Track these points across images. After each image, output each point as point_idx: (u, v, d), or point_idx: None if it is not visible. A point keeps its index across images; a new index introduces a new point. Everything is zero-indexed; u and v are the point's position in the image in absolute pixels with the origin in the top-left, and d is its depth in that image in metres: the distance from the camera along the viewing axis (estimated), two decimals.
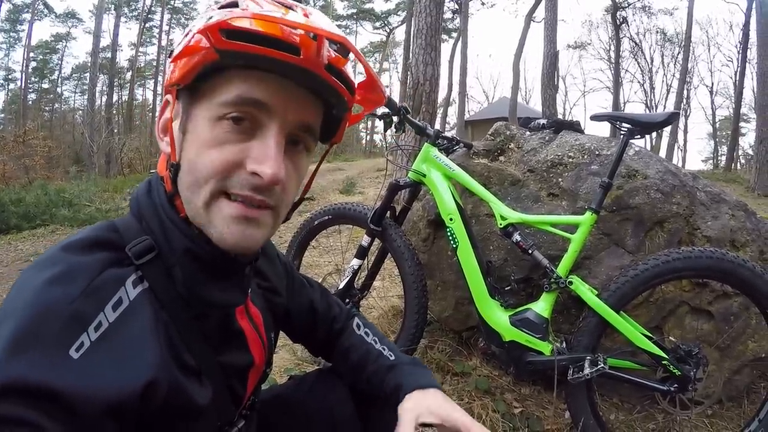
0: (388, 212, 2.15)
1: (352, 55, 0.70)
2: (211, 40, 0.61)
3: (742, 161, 32.58)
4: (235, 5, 0.65)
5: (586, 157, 2.13)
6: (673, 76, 33.79)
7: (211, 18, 0.62)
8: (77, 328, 0.55)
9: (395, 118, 2.07)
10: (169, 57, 0.68)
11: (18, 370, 0.50)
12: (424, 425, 0.86)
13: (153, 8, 36.52)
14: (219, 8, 0.65)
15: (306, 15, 0.65)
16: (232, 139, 0.65)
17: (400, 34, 37.23)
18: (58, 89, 41.25)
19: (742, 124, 27.73)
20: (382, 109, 2.08)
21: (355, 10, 38.68)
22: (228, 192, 0.65)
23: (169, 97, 0.70)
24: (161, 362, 0.62)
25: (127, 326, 0.60)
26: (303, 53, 0.62)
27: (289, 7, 0.66)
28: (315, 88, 0.68)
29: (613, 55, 32.53)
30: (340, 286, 2.20)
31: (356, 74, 0.74)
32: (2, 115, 38.85)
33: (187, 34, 0.65)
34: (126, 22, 35.71)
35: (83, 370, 0.54)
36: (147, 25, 36.63)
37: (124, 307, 0.61)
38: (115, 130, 26.73)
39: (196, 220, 0.68)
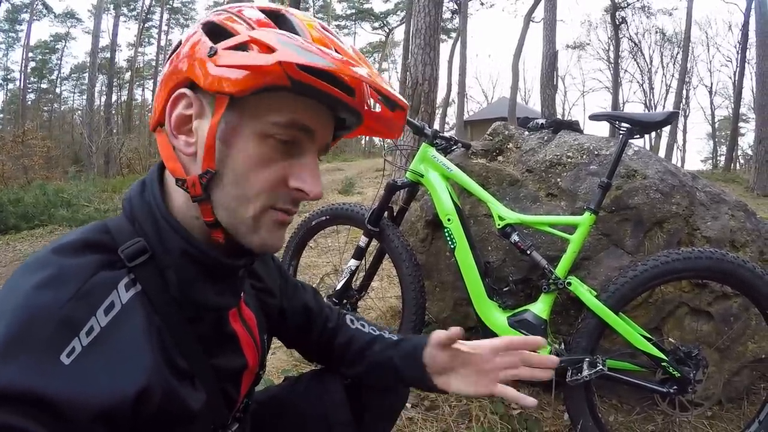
0: (386, 213, 2.13)
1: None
2: (285, 69, 0.61)
3: (741, 161, 32.71)
4: (283, 17, 0.69)
5: (585, 157, 2.12)
6: (673, 76, 33.92)
7: (258, 28, 0.65)
8: (68, 333, 0.54)
9: None
10: (210, 56, 0.64)
11: (7, 376, 0.49)
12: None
13: (152, 8, 36.56)
14: (266, 16, 0.68)
15: (358, 61, 0.68)
16: (277, 157, 0.68)
17: (399, 35, 37.33)
18: (57, 89, 41.30)
19: (741, 124, 27.82)
20: None
21: (353, 11, 38.71)
22: (275, 206, 0.70)
23: (186, 91, 0.67)
24: (154, 367, 0.61)
25: (119, 331, 0.59)
26: (357, 95, 0.67)
27: (338, 47, 0.68)
28: (345, 118, 0.74)
29: (612, 55, 32.62)
30: (338, 287, 2.19)
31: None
32: (1, 116, 38.85)
33: (244, 45, 0.63)
34: (125, 21, 35.89)
35: (75, 376, 0.53)
36: (146, 25, 36.67)
37: (117, 311, 0.60)
38: (114, 131, 26.78)
39: (238, 229, 0.69)
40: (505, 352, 0.95)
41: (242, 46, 0.63)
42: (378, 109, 0.74)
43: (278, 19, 0.68)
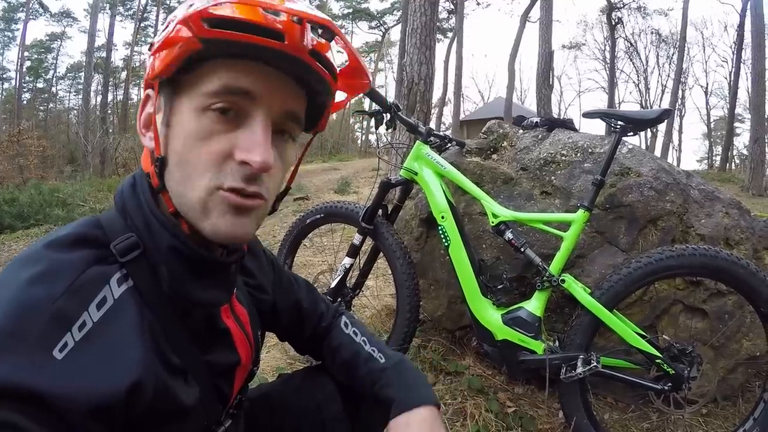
0: (380, 210, 2.13)
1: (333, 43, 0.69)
2: (193, 30, 0.60)
3: (737, 161, 32.83)
4: None
5: (579, 155, 2.12)
6: (668, 76, 33.93)
7: (191, 6, 0.61)
8: (60, 328, 0.54)
9: (386, 116, 2.05)
10: (149, 50, 0.66)
11: (1, 371, 0.49)
12: None
13: (148, 7, 36.47)
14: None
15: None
16: (218, 129, 0.64)
17: (395, 34, 37.21)
18: (53, 89, 41.08)
19: (736, 124, 27.92)
20: (374, 107, 2.07)
21: (350, 10, 38.69)
22: (222, 187, 0.64)
23: (150, 91, 0.69)
24: (146, 362, 0.60)
25: (111, 326, 0.58)
26: (287, 39, 0.61)
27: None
28: (299, 75, 0.67)
29: (608, 55, 32.62)
30: (332, 285, 2.18)
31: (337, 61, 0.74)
32: None
33: (167, 26, 0.64)
34: (121, 21, 35.58)
35: (67, 371, 0.52)
36: (142, 24, 36.55)
37: (109, 306, 0.59)
38: (110, 130, 26.64)
39: (189, 215, 0.66)
40: None
41: (165, 29, 0.64)
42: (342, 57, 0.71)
43: None
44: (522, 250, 1.83)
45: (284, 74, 0.66)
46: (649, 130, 20.70)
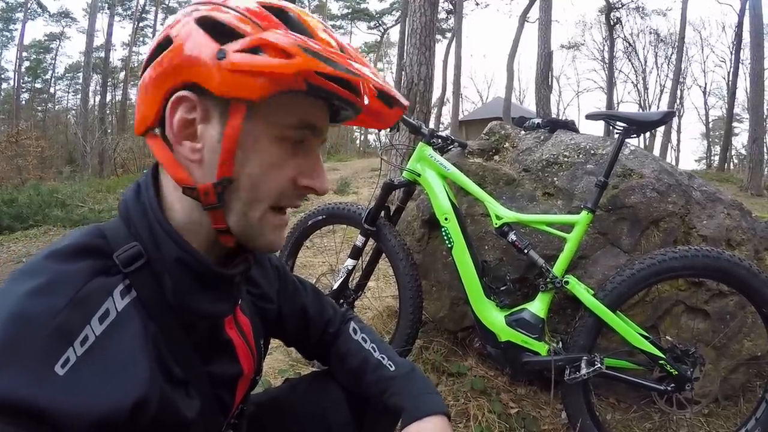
0: (383, 212, 2.13)
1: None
2: (305, 76, 0.60)
3: (735, 161, 32.86)
4: (285, 14, 0.65)
5: (581, 156, 2.12)
6: (667, 76, 33.97)
7: (266, 29, 0.61)
8: (63, 343, 0.53)
9: None
10: (219, 59, 0.60)
11: (1, 386, 0.48)
12: None
13: (147, 8, 36.42)
14: (269, 11, 0.64)
15: (364, 65, 0.68)
16: (288, 158, 0.68)
17: (394, 34, 37.13)
18: (51, 89, 41.01)
19: (735, 124, 27.93)
20: None
21: (349, 10, 38.67)
22: (276, 207, 0.70)
23: (188, 94, 0.63)
24: (151, 377, 0.60)
25: (114, 340, 0.58)
26: (361, 95, 0.67)
27: (341, 45, 0.67)
28: (339, 110, 0.74)
29: (606, 55, 32.66)
30: (335, 287, 2.18)
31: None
32: None
33: (256, 48, 0.60)
34: (120, 21, 35.55)
35: (69, 387, 0.52)
36: (140, 24, 36.50)
37: (112, 319, 0.59)
38: (109, 131, 26.60)
39: (246, 232, 0.69)
40: None
41: (254, 49, 0.60)
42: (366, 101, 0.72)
43: (280, 16, 0.64)
44: (525, 251, 1.83)
45: (329, 108, 0.72)
46: None
